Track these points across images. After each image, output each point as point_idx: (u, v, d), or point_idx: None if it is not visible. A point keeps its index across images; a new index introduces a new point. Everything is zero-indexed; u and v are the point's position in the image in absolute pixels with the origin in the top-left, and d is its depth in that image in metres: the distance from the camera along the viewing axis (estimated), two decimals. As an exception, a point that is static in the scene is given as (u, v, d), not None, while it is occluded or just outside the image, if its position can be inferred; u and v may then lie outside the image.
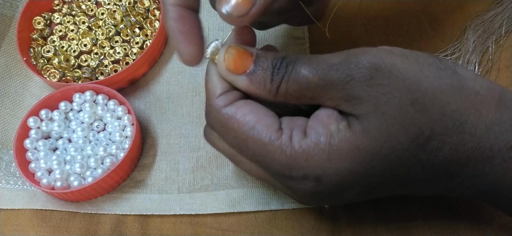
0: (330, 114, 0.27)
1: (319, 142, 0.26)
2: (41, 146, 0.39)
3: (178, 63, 0.44)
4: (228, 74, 0.28)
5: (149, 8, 0.46)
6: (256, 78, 0.28)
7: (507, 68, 0.41)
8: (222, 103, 0.28)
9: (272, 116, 0.28)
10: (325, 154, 0.26)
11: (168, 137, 0.41)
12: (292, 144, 0.27)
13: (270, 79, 0.27)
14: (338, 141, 0.26)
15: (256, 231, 0.37)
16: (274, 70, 0.27)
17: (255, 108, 0.28)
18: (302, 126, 0.28)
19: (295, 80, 0.27)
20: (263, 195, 0.38)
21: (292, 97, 0.27)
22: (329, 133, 0.26)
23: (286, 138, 0.27)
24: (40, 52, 0.45)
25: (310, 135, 0.27)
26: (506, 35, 0.42)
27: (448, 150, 0.26)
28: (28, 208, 0.39)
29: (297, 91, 0.27)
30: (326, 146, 0.26)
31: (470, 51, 0.41)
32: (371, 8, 0.45)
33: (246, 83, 0.28)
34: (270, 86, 0.27)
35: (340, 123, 0.26)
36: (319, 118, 0.27)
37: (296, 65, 0.27)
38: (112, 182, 0.38)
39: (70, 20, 0.46)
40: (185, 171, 0.39)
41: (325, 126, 0.27)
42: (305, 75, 0.27)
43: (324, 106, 0.28)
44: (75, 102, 0.41)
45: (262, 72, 0.28)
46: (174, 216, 0.38)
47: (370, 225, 0.36)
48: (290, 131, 0.27)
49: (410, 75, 0.26)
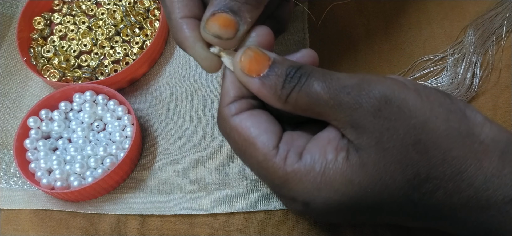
0: (331, 139, 0.27)
1: (313, 169, 0.27)
2: (41, 146, 0.39)
3: (178, 63, 0.44)
4: (242, 75, 0.28)
5: (149, 8, 0.46)
6: (268, 83, 0.28)
7: (507, 68, 0.41)
8: (229, 112, 0.29)
9: (272, 133, 0.28)
10: (316, 183, 0.26)
11: (168, 137, 0.41)
12: (285, 165, 0.27)
13: (281, 86, 0.27)
14: (332, 173, 0.26)
15: (256, 231, 0.37)
16: (287, 78, 0.27)
17: (257, 123, 0.28)
18: (300, 148, 0.28)
19: (306, 93, 0.27)
20: (263, 195, 0.38)
21: (300, 108, 0.28)
22: (324, 162, 0.26)
23: (280, 158, 0.27)
24: (40, 52, 0.45)
25: (305, 159, 0.27)
26: (507, 35, 0.42)
27: (442, 194, 0.26)
28: (28, 208, 0.39)
29: (306, 104, 0.27)
30: (319, 175, 0.26)
31: (471, 52, 0.41)
32: (371, 8, 0.45)
33: (258, 86, 0.28)
34: (280, 93, 0.28)
35: (338, 154, 0.27)
36: (319, 142, 0.27)
37: (309, 78, 0.27)
38: (112, 182, 0.38)
39: (70, 20, 0.46)
40: (185, 171, 0.39)
41: (323, 153, 0.27)
42: (316, 91, 0.27)
43: (328, 128, 0.28)
44: (75, 102, 0.41)
45: (275, 78, 0.28)
46: (174, 216, 0.38)
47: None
48: (286, 152, 0.27)
49: (418, 114, 0.26)
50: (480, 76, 0.41)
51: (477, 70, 0.41)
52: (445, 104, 0.26)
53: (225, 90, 0.29)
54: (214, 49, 0.30)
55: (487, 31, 0.42)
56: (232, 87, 0.29)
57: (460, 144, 0.26)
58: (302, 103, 0.27)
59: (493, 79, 0.40)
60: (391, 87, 0.26)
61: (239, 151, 0.29)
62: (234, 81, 0.29)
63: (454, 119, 0.26)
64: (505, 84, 0.40)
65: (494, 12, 0.43)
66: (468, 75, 0.40)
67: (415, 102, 0.26)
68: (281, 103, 0.28)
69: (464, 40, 0.42)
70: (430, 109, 0.26)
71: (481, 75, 0.41)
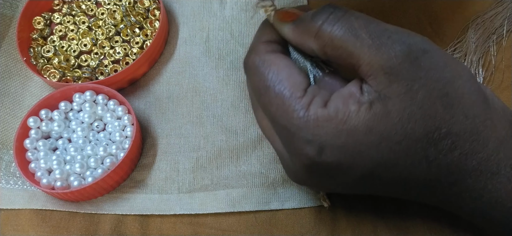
0: (352, 94, 0.27)
1: (336, 116, 0.26)
2: (41, 146, 0.39)
3: (178, 63, 0.44)
4: (278, 23, 0.30)
5: (149, 8, 0.46)
6: (300, 22, 0.29)
7: (507, 68, 0.41)
8: (264, 48, 0.29)
9: (303, 77, 0.29)
10: (337, 129, 0.26)
11: (168, 137, 0.41)
12: (309, 108, 0.27)
13: (311, 18, 0.28)
14: (354, 121, 0.26)
15: (256, 231, 0.37)
16: (319, 12, 0.28)
17: (291, 64, 0.29)
18: (325, 96, 0.28)
19: (343, 27, 0.27)
20: (263, 195, 0.38)
21: (332, 44, 0.27)
22: (347, 111, 0.26)
23: (306, 101, 0.27)
24: (40, 52, 0.45)
25: (329, 107, 0.27)
26: (507, 34, 0.42)
27: (458, 154, 0.26)
28: (28, 208, 0.39)
29: (341, 39, 0.27)
30: (341, 122, 0.26)
31: (472, 52, 0.41)
32: (371, 7, 0.45)
33: (291, 28, 0.29)
34: (310, 25, 0.28)
35: (361, 105, 0.26)
36: (342, 95, 0.27)
37: (348, 14, 0.27)
38: (112, 182, 0.38)
39: (70, 20, 0.46)
40: (185, 171, 0.39)
41: (346, 103, 0.27)
42: (354, 26, 0.27)
43: (349, 84, 0.28)
44: (75, 102, 0.41)
45: (306, 15, 0.28)
46: (174, 216, 0.38)
47: (370, 225, 0.36)
48: (312, 96, 0.28)
49: (448, 69, 0.26)
50: (483, 77, 0.40)
51: (479, 71, 0.41)
52: (466, 70, 0.28)
53: (260, 32, 0.31)
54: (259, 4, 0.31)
55: (488, 31, 0.42)
56: (269, 32, 0.30)
57: (480, 105, 0.27)
58: (336, 37, 0.27)
59: (493, 79, 0.40)
60: (428, 41, 0.27)
61: (263, 86, 0.29)
62: (271, 29, 0.30)
63: (475, 84, 0.27)
64: (505, 85, 0.40)
65: (494, 12, 0.43)
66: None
67: (445, 59, 0.27)
68: (312, 37, 0.28)
69: (464, 40, 0.42)
70: (456, 70, 0.27)
71: (483, 76, 0.41)
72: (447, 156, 0.26)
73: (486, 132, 0.27)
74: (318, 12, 0.28)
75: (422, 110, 0.26)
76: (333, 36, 0.27)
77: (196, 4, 0.47)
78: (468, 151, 0.26)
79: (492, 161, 0.27)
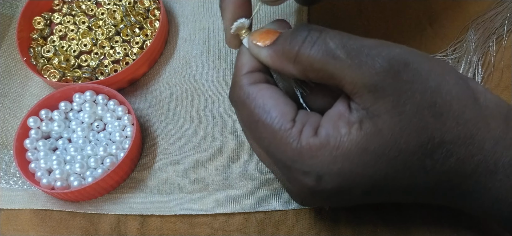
0: (341, 114, 0.27)
1: (328, 143, 0.26)
2: (41, 146, 0.39)
3: (178, 63, 0.44)
4: (254, 48, 0.29)
5: (149, 8, 0.46)
6: (277, 46, 0.28)
7: (507, 68, 0.41)
8: (246, 81, 0.29)
9: (290, 106, 0.28)
10: (331, 156, 0.26)
11: (168, 137, 0.41)
12: (300, 138, 0.27)
13: (289, 42, 0.27)
14: (347, 145, 0.26)
15: (256, 231, 0.37)
16: (294, 34, 0.27)
17: (275, 94, 0.28)
18: (315, 123, 0.27)
19: (321, 50, 0.26)
20: (263, 196, 0.38)
21: (312, 69, 0.27)
22: (339, 136, 0.26)
23: (296, 131, 0.27)
24: (40, 52, 0.45)
25: (320, 134, 0.27)
26: (507, 34, 0.42)
27: (455, 161, 0.26)
28: (28, 208, 0.39)
29: (319, 62, 0.26)
30: (334, 149, 0.26)
31: (472, 52, 0.41)
32: (371, 8, 0.45)
33: (268, 52, 0.28)
34: (288, 50, 0.27)
35: (351, 126, 0.26)
36: (331, 118, 0.27)
37: (322, 34, 0.27)
38: (112, 182, 0.38)
39: (70, 20, 0.46)
40: (185, 171, 0.39)
41: (336, 127, 0.26)
42: (331, 48, 0.26)
43: (336, 104, 0.28)
44: (75, 102, 0.41)
45: (283, 39, 0.28)
46: (174, 216, 0.38)
47: (370, 225, 0.36)
48: (301, 125, 0.27)
49: (433, 77, 0.26)
50: (482, 77, 0.40)
51: (478, 70, 0.41)
52: (453, 71, 0.27)
53: (241, 62, 0.30)
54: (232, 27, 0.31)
55: (488, 30, 0.42)
56: (248, 61, 0.30)
57: (471, 107, 0.26)
58: (314, 61, 0.27)
59: (494, 79, 0.40)
60: (408, 51, 0.27)
61: (252, 121, 0.28)
62: (251, 58, 0.30)
63: (463, 84, 0.27)
64: (505, 84, 0.40)
65: (494, 12, 0.43)
66: (469, 76, 0.40)
67: (429, 67, 0.26)
68: (291, 62, 0.27)
69: (464, 40, 0.42)
70: (442, 74, 0.26)
71: (483, 77, 0.40)
72: (444, 164, 0.26)
73: (480, 134, 0.26)
74: (294, 35, 0.27)
75: (412, 123, 0.26)
76: (311, 60, 0.27)
77: (196, 4, 0.47)
78: (464, 155, 0.26)
79: (490, 161, 0.27)
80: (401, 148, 0.26)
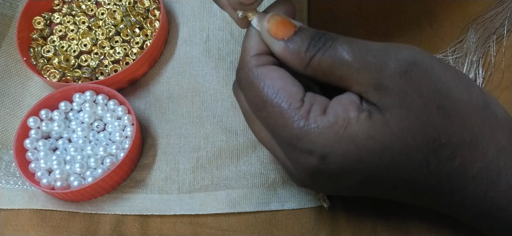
0: (352, 100, 0.27)
1: (335, 123, 0.26)
2: (41, 146, 0.39)
3: (178, 63, 0.44)
4: (268, 37, 0.29)
5: (149, 8, 0.46)
6: (292, 46, 0.28)
7: (507, 68, 0.41)
8: (254, 62, 0.29)
9: (299, 86, 0.28)
10: (338, 136, 0.26)
11: (168, 137, 0.41)
12: (308, 117, 0.27)
13: (305, 49, 0.28)
14: (355, 128, 0.26)
15: (256, 231, 0.37)
16: (312, 42, 0.28)
17: (284, 75, 0.29)
18: (323, 104, 0.28)
19: (330, 56, 0.27)
20: (263, 196, 0.38)
21: (322, 72, 0.28)
22: (347, 118, 0.26)
23: (305, 110, 0.27)
24: (40, 52, 0.45)
25: (328, 114, 0.27)
26: (508, 34, 0.42)
27: (458, 163, 0.27)
28: (28, 208, 0.39)
29: (329, 67, 0.27)
30: (342, 128, 0.26)
31: (472, 52, 0.41)
32: (371, 8, 0.45)
33: (282, 48, 0.29)
34: (304, 56, 0.28)
35: (361, 113, 0.27)
36: (341, 101, 0.27)
37: (334, 43, 0.28)
38: (112, 182, 0.38)
39: (70, 20, 0.46)
40: (185, 171, 0.39)
41: (346, 110, 0.27)
42: (340, 54, 0.27)
43: (348, 92, 0.28)
44: (75, 102, 0.41)
45: (300, 41, 0.28)
46: (174, 216, 0.38)
47: (370, 225, 0.36)
48: (310, 105, 0.28)
49: (444, 80, 0.27)
50: (483, 77, 0.40)
51: (479, 71, 0.41)
52: (465, 79, 0.28)
53: (249, 44, 0.30)
54: (239, 12, 0.31)
55: (488, 31, 0.42)
56: (257, 43, 0.30)
57: (479, 114, 0.27)
58: (324, 66, 0.27)
59: (494, 80, 0.40)
60: (419, 52, 0.27)
61: (260, 102, 0.28)
62: (259, 40, 0.30)
63: (474, 92, 0.27)
64: (505, 84, 0.40)
65: (494, 12, 0.43)
66: (469, 76, 0.40)
67: (440, 70, 0.27)
68: (303, 66, 0.28)
69: (464, 40, 0.42)
70: (453, 79, 0.27)
71: (483, 77, 0.41)
72: (448, 165, 0.27)
73: (485, 141, 0.27)
74: (311, 43, 0.28)
75: (420, 120, 0.26)
76: (322, 65, 0.28)
77: (196, 4, 0.47)
78: (467, 160, 0.27)
79: (492, 170, 0.27)
80: (407, 142, 0.26)
